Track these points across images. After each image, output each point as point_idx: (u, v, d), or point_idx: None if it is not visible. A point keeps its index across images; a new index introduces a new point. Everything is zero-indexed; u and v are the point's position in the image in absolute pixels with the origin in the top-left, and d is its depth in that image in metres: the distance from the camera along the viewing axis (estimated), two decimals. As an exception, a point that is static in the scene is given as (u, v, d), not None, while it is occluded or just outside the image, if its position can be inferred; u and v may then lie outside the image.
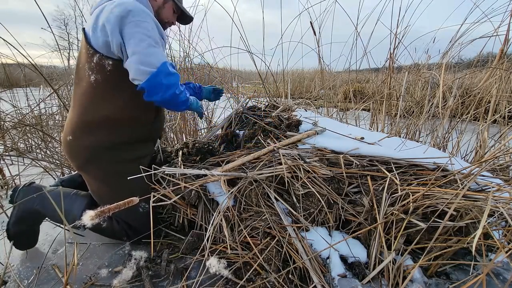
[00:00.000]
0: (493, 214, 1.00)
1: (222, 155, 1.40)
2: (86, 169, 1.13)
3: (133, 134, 1.15)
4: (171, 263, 1.08)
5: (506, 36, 1.71)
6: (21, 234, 1.18)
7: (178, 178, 1.22)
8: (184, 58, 2.37)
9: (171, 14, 1.23)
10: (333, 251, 1.01)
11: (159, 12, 1.20)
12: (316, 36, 2.12)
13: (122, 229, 1.17)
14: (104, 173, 1.13)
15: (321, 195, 1.11)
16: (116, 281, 0.99)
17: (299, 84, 7.59)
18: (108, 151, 1.11)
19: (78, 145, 1.10)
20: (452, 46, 1.97)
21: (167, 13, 1.22)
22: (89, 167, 1.12)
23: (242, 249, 1.04)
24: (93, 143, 1.09)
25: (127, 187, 1.10)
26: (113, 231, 1.19)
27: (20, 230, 1.17)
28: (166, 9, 1.21)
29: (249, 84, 3.81)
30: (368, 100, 2.39)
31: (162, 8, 1.20)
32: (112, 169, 1.13)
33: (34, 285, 1.01)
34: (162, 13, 1.21)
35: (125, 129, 1.12)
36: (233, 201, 1.17)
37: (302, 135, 1.41)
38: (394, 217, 0.99)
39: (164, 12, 1.21)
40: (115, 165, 1.13)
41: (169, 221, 1.29)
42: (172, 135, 2.46)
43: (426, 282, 0.94)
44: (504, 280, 0.97)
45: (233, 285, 0.97)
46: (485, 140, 1.66)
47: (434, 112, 1.82)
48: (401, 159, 1.26)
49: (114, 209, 0.81)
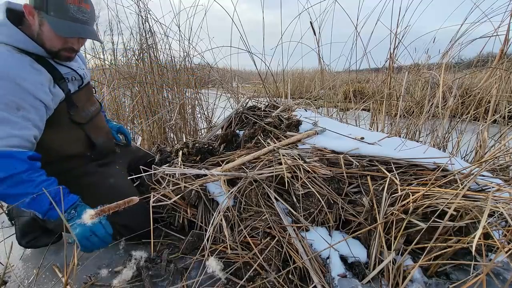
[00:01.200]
0: (493, 214, 1.00)
1: (222, 155, 1.40)
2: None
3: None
4: (171, 263, 1.08)
5: (506, 36, 1.71)
6: (35, 240, 1.19)
7: (178, 178, 1.22)
8: (184, 58, 2.37)
9: (57, 40, 0.91)
10: (333, 251, 1.01)
11: (41, 39, 0.91)
12: (316, 36, 2.11)
13: (113, 228, 1.16)
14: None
15: (321, 195, 1.11)
16: (116, 281, 0.99)
17: (299, 84, 7.59)
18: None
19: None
20: (452, 46, 1.97)
21: (50, 40, 0.91)
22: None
23: (242, 249, 1.04)
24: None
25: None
26: None
27: (32, 238, 1.19)
28: (45, 35, 0.90)
29: (249, 84, 3.81)
30: (368, 100, 2.39)
31: (41, 33, 0.90)
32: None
33: (34, 285, 1.01)
34: (44, 41, 0.92)
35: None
36: (233, 201, 1.17)
37: (302, 135, 1.41)
38: (394, 217, 0.99)
39: (46, 39, 0.91)
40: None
41: (169, 221, 1.29)
42: (172, 135, 2.46)
43: (426, 282, 0.94)
44: (504, 280, 0.97)
45: (233, 285, 0.97)
46: (485, 140, 1.66)
47: (434, 112, 1.82)
48: (401, 159, 1.26)
49: (114, 208, 0.81)
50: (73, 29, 0.89)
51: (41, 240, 1.20)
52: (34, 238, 1.18)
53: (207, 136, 1.80)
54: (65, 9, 0.86)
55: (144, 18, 2.13)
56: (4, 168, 0.82)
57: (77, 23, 0.90)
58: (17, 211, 1.19)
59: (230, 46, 2.18)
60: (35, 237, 1.19)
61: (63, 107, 1.02)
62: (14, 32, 0.87)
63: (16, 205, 0.86)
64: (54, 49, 0.94)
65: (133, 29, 2.35)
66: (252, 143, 1.49)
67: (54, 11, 0.86)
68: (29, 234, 1.18)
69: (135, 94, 2.35)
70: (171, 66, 2.40)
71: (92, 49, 2.49)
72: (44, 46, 0.93)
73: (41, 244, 1.20)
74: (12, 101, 0.83)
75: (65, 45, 0.94)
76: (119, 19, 2.32)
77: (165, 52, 2.34)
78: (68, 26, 0.88)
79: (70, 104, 1.05)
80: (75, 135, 1.10)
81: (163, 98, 2.37)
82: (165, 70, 2.36)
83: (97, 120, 1.22)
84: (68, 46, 0.95)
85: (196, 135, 2.53)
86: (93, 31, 0.96)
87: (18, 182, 0.84)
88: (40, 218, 0.92)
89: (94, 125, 1.18)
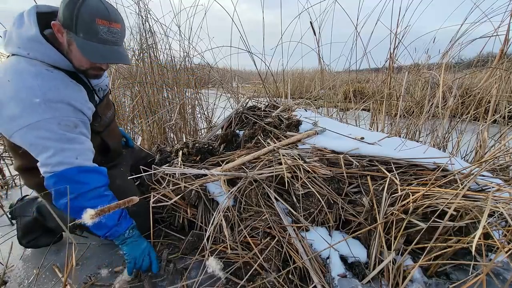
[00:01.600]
0: (493, 214, 1.00)
1: (222, 155, 1.40)
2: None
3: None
4: (171, 263, 1.08)
5: (506, 36, 1.71)
6: (36, 240, 1.20)
7: (178, 178, 1.22)
8: (184, 58, 2.37)
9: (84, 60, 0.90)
10: (333, 251, 1.01)
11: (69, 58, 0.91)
12: (316, 36, 2.11)
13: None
14: None
15: (321, 195, 1.11)
16: (116, 281, 0.99)
17: (299, 84, 7.58)
18: None
19: None
20: (452, 46, 1.97)
21: (77, 60, 0.90)
22: None
23: (242, 249, 1.04)
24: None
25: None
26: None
27: (33, 238, 1.19)
28: (74, 54, 0.89)
29: (249, 84, 3.81)
30: (368, 100, 2.39)
31: (70, 52, 0.89)
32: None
33: (34, 285, 1.01)
34: (73, 60, 0.91)
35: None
36: (233, 201, 1.17)
37: (302, 135, 1.41)
38: (394, 217, 0.99)
39: (74, 58, 0.90)
40: None
41: (169, 221, 1.29)
42: (172, 135, 2.46)
43: (426, 282, 0.94)
44: (504, 280, 0.97)
45: (233, 285, 0.97)
46: (485, 140, 1.66)
47: (434, 112, 1.82)
48: (401, 159, 1.26)
49: (114, 208, 0.81)
50: (101, 52, 0.86)
51: (41, 240, 1.20)
52: (35, 238, 1.19)
53: (207, 136, 1.80)
54: (94, 31, 0.82)
55: (144, 18, 2.13)
56: (91, 181, 0.91)
57: (106, 44, 0.86)
58: (21, 210, 1.19)
59: (230, 46, 2.18)
60: (36, 236, 1.19)
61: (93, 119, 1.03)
62: (48, 49, 0.86)
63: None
64: (82, 68, 0.93)
65: (133, 29, 2.35)
66: (252, 143, 1.49)
67: (83, 33, 0.83)
68: (30, 234, 1.18)
69: (135, 94, 2.35)
70: (171, 66, 2.40)
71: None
72: (72, 63, 0.92)
73: (41, 244, 1.20)
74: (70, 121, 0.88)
75: (93, 65, 0.93)
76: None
77: (165, 52, 2.35)
78: (97, 49, 0.85)
79: (96, 115, 1.05)
80: (94, 143, 1.11)
81: (163, 98, 2.37)
82: (165, 70, 2.36)
83: (113, 126, 1.23)
84: (96, 66, 0.94)
85: (196, 135, 2.53)
86: (122, 53, 0.92)
87: (98, 196, 0.93)
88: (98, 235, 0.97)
89: (110, 130, 1.19)
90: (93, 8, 0.81)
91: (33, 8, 0.88)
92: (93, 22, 0.82)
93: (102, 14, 0.82)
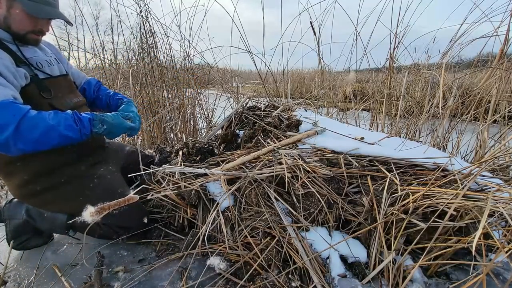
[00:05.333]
0: (493, 214, 1.00)
1: (222, 155, 1.40)
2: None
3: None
4: (170, 263, 1.08)
5: (506, 36, 1.71)
6: (26, 242, 1.19)
7: (178, 178, 1.22)
8: (184, 58, 2.38)
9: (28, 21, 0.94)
10: (333, 251, 1.01)
11: (8, 23, 0.93)
12: (316, 36, 2.11)
13: (110, 229, 1.16)
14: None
15: (321, 195, 1.11)
16: (116, 281, 0.99)
17: (299, 84, 7.58)
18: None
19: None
20: (452, 46, 1.97)
21: (19, 23, 0.94)
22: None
23: (242, 249, 1.04)
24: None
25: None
26: (100, 234, 1.18)
27: (24, 240, 1.18)
28: (14, 17, 0.92)
29: (249, 84, 3.81)
30: (368, 100, 2.39)
31: (9, 17, 0.92)
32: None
33: (34, 285, 1.01)
34: (13, 24, 0.94)
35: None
36: (233, 201, 1.17)
37: (302, 135, 1.41)
38: (394, 217, 0.99)
39: (14, 22, 0.93)
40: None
41: (169, 221, 1.29)
42: (172, 135, 2.46)
43: (426, 282, 0.94)
44: (504, 280, 0.97)
45: (233, 285, 0.97)
46: (485, 140, 1.66)
47: (434, 112, 1.82)
48: (401, 159, 1.26)
49: (114, 206, 0.82)
50: (45, 10, 0.95)
51: (32, 242, 1.19)
52: (25, 240, 1.18)
53: (207, 136, 1.80)
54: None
55: (144, 18, 2.13)
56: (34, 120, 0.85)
57: (48, 6, 0.96)
58: (9, 213, 1.18)
59: (230, 46, 2.18)
60: (26, 239, 1.18)
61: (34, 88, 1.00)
62: None
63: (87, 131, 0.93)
64: (21, 32, 0.96)
65: (133, 29, 2.35)
66: (252, 143, 1.49)
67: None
68: (20, 236, 1.17)
69: (135, 94, 2.35)
70: (171, 66, 2.40)
71: (92, 49, 2.49)
72: (10, 30, 0.94)
73: (31, 246, 1.19)
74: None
75: (35, 28, 0.98)
76: (119, 19, 2.32)
77: (165, 52, 2.35)
78: (41, 8, 0.94)
79: (42, 87, 1.03)
80: None
81: (163, 98, 2.37)
82: (165, 70, 2.36)
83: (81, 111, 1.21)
84: (38, 28, 0.99)
85: (196, 135, 2.53)
86: (62, 13, 1.03)
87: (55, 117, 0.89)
88: (73, 142, 0.94)
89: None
90: None
91: None
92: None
93: None
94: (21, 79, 0.95)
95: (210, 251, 1.06)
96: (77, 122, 0.92)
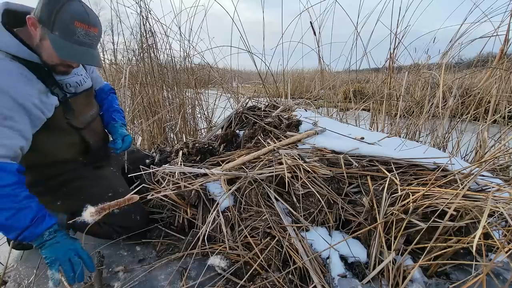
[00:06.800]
0: (493, 214, 1.00)
1: (222, 155, 1.40)
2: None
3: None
4: (170, 263, 1.08)
5: (506, 36, 1.71)
6: (26, 242, 1.18)
7: (178, 178, 1.22)
8: (184, 58, 2.37)
9: (56, 57, 0.88)
10: (333, 251, 1.01)
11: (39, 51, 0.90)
12: (316, 36, 2.11)
13: (111, 227, 1.16)
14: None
15: (321, 195, 1.11)
16: (116, 281, 0.99)
17: (299, 84, 7.58)
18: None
19: None
20: (452, 46, 1.97)
21: (48, 55, 0.90)
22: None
23: (242, 249, 1.04)
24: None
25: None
26: (100, 233, 1.18)
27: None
28: (44, 49, 0.88)
29: (249, 84, 3.81)
30: (368, 100, 2.39)
31: (40, 46, 0.89)
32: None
33: (34, 285, 1.01)
34: (42, 54, 0.90)
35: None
36: (233, 201, 1.17)
37: (302, 135, 1.41)
38: (394, 217, 0.99)
39: (44, 53, 0.89)
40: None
41: (169, 221, 1.29)
42: (172, 135, 2.46)
43: (426, 282, 0.94)
44: (504, 280, 0.97)
45: (233, 285, 0.97)
46: (485, 140, 1.66)
47: (434, 112, 1.82)
48: (401, 159, 1.26)
49: (114, 206, 0.82)
50: (75, 53, 0.87)
51: (28, 244, 1.19)
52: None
53: (207, 136, 1.80)
54: (71, 32, 0.84)
55: (144, 18, 2.13)
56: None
57: (81, 46, 0.87)
58: None
59: (230, 46, 2.18)
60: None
61: (60, 112, 1.01)
62: (8, 39, 0.85)
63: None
64: (50, 63, 0.92)
65: (133, 29, 2.35)
66: (252, 143, 1.49)
67: (59, 32, 0.83)
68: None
69: (135, 94, 2.35)
70: (171, 66, 2.40)
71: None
72: (41, 57, 0.91)
73: (31, 246, 1.18)
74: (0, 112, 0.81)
75: (63, 62, 0.93)
76: (119, 19, 2.32)
77: (165, 52, 2.35)
78: (70, 49, 0.86)
79: (67, 108, 1.03)
80: (72, 139, 1.10)
81: (163, 98, 2.37)
82: (165, 70, 2.36)
83: (95, 125, 1.22)
84: (66, 63, 0.94)
85: (196, 135, 2.53)
86: (95, 56, 0.94)
87: (2, 195, 0.80)
88: (10, 239, 0.85)
89: (92, 130, 1.18)
90: (74, 11, 0.83)
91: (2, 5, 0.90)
92: (72, 24, 0.83)
93: (81, 17, 0.84)
94: (48, 111, 0.95)
95: (210, 251, 1.06)
96: (35, 221, 0.83)
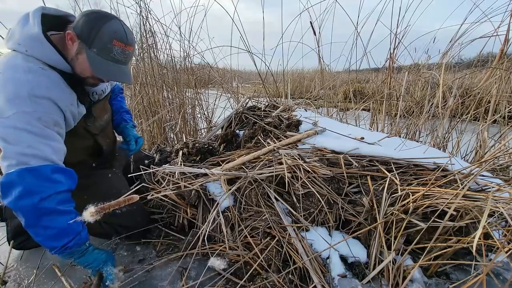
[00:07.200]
0: (493, 214, 1.00)
1: (222, 155, 1.40)
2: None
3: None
4: (170, 263, 1.08)
5: (506, 36, 1.71)
6: (26, 242, 1.18)
7: (178, 178, 1.22)
8: (184, 58, 2.37)
9: (89, 71, 0.91)
10: (333, 251, 1.01)
11: (72, 64, 0.92)
12: (316, 36, 2.11)
13: (111, 227, 1.16)
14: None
15: (321, 195, 1.11)
16: (116, 281, 0.99)
17: (299, 84, 7.58)
18: None
19: None
20: (452, 46, 1.97)
21: (81, 69, 0.92)
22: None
23: (242, 249, 1.04)
24: None
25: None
26: (100, 233, 1.18)
27: (24, 239, 1.17)
28: (79, 62, 0.91)
29: (249, 84, 3.81)
30: (368, 100, 2.39)
31: (75, 60, 0.91)
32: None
33: (34, 285, 1.01)
34: (76, 66, 0.92)
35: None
36: (233, 201, 1.17)
37: (302, 135, 1.41)
38: (394, 217, 0.99)
39: (77, 66, 0.92)
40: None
41: (169, 221, 1.29)
42: (172, 135, 2.46)
43: (426, 282, 0.94)
44: (504, 280, 0.97)
45: (233, 285, 0.97)
46: (485, 140, 1.66)
47: (434, 112, 1.82)
48: (401, 159, 1.26)
49: (114, 206, 0.82)
50: (109, 70, 0.90)
51: (32, 242, 1.18)
52: (25, 240, 1.18)
53: (207, 136, 1.80)
54: (109, 50, 0.87)
55: (144, 18, 2.13)
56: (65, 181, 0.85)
57: (116, 63, 0.90)
58: (10, 212, 1.18)
59: (230, 46, 2.18)
60: (26, 238, 1.18)
61: (82, 118, 1.03)
62: (47, 50, 0.87)
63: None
64: (82, 76, 0.94)
65: (133, 29, 2.35)
66: (252, 143, 1.49)
67: (97, 49, 0.86)
68: (21, 236, 1.17)
69: (135, 94, 2.35)
70: (171, 66, 2.40)
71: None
72: (73, 69, 0.93)
73: (31, 245, 1.19)
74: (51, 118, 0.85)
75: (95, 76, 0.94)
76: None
77: (165, 52, 2.35)
78: (106, 66, 0.89)
79: (89, 115, 1.06)
80: (86, 143, 1.12)
81: (163, 98, 2.37)
82: (165, 70, 2.36)
83: (108, 130, 1.24)
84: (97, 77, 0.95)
85: (196, 135, 2.53)
86: (126, 72, 0.96)
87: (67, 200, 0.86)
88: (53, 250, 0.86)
89: (105, 134, 1.20)
90: (113, 30, 0.86)
91: (39, 9, 0.90)
92: (110, 43, 0.86)
93: (120, 37, 0.88)
94: (77, 119, 0.99)
95: (210, 251, 1.06)
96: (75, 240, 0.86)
